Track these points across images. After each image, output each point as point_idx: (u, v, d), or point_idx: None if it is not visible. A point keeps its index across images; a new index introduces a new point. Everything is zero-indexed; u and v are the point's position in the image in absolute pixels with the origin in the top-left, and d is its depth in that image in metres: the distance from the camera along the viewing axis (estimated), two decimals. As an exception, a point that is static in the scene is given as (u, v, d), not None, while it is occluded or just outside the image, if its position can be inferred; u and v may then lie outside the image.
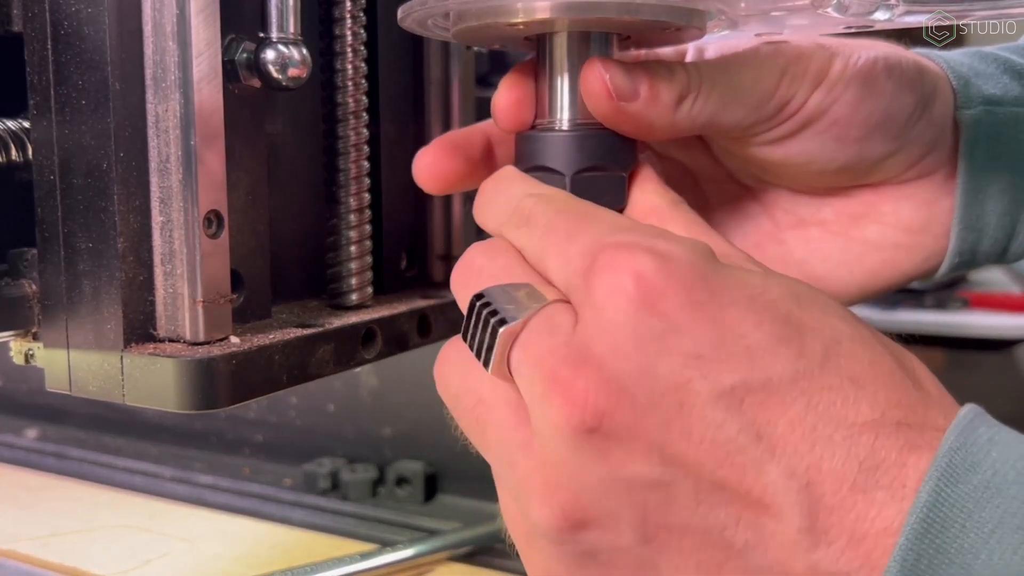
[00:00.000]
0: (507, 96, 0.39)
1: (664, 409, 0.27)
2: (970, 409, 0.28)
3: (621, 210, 0.38)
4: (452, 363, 0.34)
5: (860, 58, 0.41)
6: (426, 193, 0.52)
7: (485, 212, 0.37)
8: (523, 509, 0.31)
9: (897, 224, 0.44)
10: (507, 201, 0.35)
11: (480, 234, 0.68)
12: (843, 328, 0.29)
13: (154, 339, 0.37)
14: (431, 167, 0.41)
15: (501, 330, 0.30)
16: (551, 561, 0.31)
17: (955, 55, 0.45)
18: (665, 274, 0.28)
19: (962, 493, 0.25)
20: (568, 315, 0.30)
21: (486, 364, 0.31)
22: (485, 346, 0.31)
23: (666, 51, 0.43)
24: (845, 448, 0.26)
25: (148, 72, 0.36)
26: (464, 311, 0.33)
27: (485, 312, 0.31)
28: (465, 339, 0.32)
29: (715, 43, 0.43)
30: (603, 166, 0.37)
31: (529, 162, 0.37)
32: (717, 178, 0.46)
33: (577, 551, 0.30)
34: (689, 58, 0.44)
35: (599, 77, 0.36)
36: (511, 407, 0.31)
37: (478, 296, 0.31)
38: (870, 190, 0.44)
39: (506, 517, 0.33)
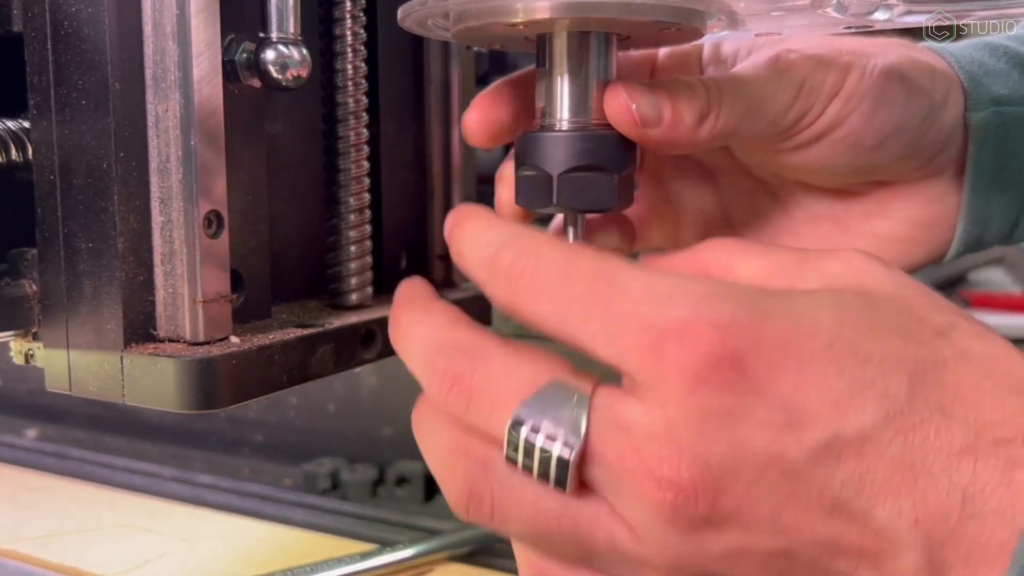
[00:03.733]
0: (475, 115, 0.40)
1: (767, 482, 0.27)
2: None
3: (611, 211, 0.38)
4: (506, 488, 0.30)
5: (876, 68, 0.41)
6: (426, 193, 0.52)
7: (461, 256, 0.34)
8: None
9: (907, 220, 0.45)
10: (480, 248, 0.32)
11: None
12: (923, 354, 0.28)
13: (154, 339, 0.37)
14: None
15: (571, 458, 0.29)
16: None
17: (966, 49, 0.46)
18: (738, 347, 0.27)
19: None
20: (626, 404, 0.29)
21: (560, 486, 0.29)
22: (554, 474, 0.29)
23: (684, 48, 0.43)
24: (947, 478, 0.26)
25: (148, 72, 0.36)
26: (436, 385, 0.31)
27: (536, 438, 0.29)
28: (515, 463, 0.30)
29: (732, 41, 0.43)
30: (593, 166, 0.37)
31: (521, 161, 0.38)
32: (733, 172, 0.47)
33: None
34: (706, 54, 0.44)
35: (624, 106, 0.36)
36: (600, 510, 0.30)
37: (516, 424, 0.29)
38: (882, 189, 0.45)
39: None
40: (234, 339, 0.37)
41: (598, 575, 0.31)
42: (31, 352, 0.39)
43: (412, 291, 0.34)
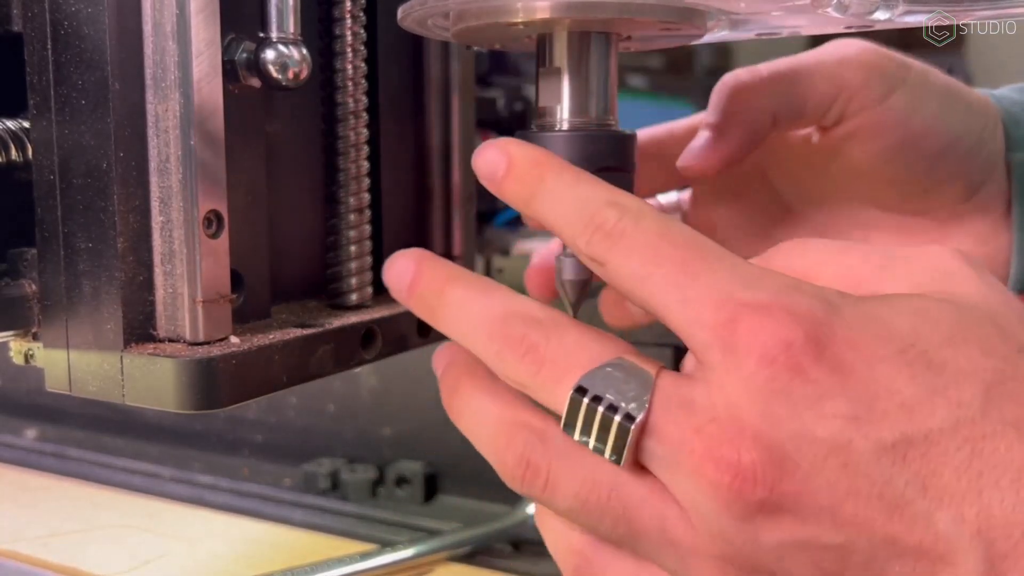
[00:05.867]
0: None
1: (828, 472, 0.27)
2: None
3: None
4: (563, 458, 0.31)
5: (940, 77, 0.44)
6: (426, 193, 0.52)
7: (547, 206, 0.33)
8: None
9: None
10: (579, 203, 0.32)
11: (480, 233, 0.67)
12: (1002, 368, 0.28)
13: (154, 339, 0.37)
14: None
15: (631, 428, 0.29)
16: None
17: (1009, 93, 0.47)
18: (812, 340, 0.27)
19: None
20: (691, 386, 0.29)
21: (616, 457, 0.30)
22: (611, 445, 0.29)
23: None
24: (1014, 493, 0.26)
25: (148, 72, 0.36)
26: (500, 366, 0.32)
27: (598, 408, 0.29)
28: (572, 434, 0.30)
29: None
30: (613, 167, 0.37)
31: None
32: (773, 213, 0.50)
33: None
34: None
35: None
36: (652, 489, 0.30)
37: (579, 391, 0.30)
38: (934, 225, 0.46)
39: None
40: (234, 339, 0.37)
41: (642, 562, 0.31)
42: (31, 352, 0.39)
43: (446, 265, 0.35)
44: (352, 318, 0.43)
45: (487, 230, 0.79)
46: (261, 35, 0.38)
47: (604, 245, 0.31)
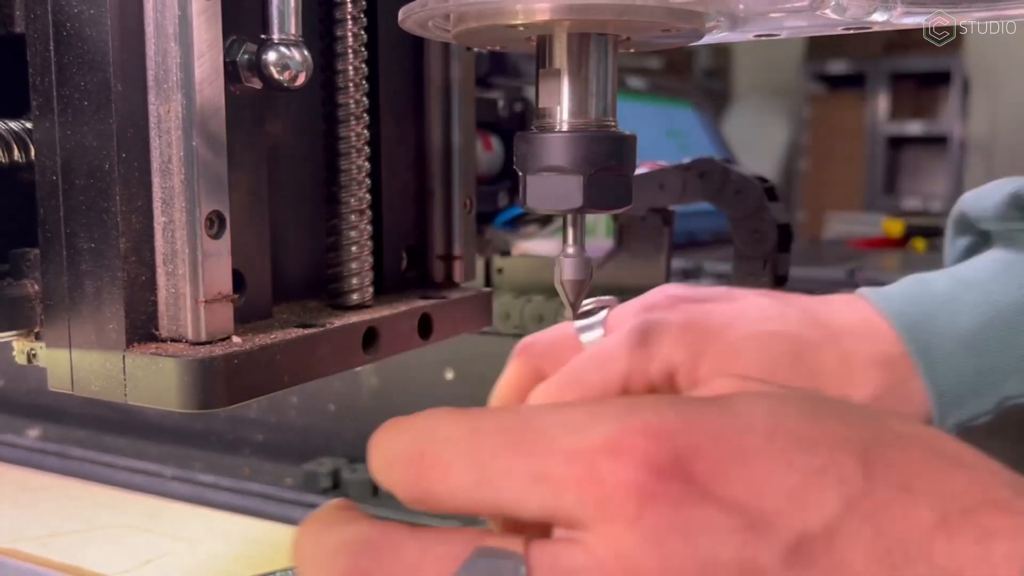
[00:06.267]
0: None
1: None
2: None
3: (625, 208, 0.38)
4: None
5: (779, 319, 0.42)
6: (426, 193, 0.52)
7: (372, 471, 0.31)
8: None
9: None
10: (383, 455, 0.30)
11: (480, 233, 0.67)
12: (866, 434, 0.27)
13: (156, 339, 0.37)
14: None
15: None
16: None
17: (904, 301, 0.45)
18: (676, 451, 0.25)
19: None
20: (569, 552, 0.26)
21: None
22: None
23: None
24: (925, 560, 0.25)
25: (150, 73, 0.36)
26: None
27: None
28: None
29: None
30: (613, 167, 0.37)
31: (539, 163, 0.37)
32: None
33: None
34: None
35: None
36: None
37: None
38: None
39: None
40: (235, 339, 0.38)
41: None
42: (33, 352, 0.39)
43: (323, 510, 0.31)
44: (353, 318, 0.43)
45: (487, 230, 0.79)
46: (262, 36, 0.38)
47: (410, 474, 0.28)
